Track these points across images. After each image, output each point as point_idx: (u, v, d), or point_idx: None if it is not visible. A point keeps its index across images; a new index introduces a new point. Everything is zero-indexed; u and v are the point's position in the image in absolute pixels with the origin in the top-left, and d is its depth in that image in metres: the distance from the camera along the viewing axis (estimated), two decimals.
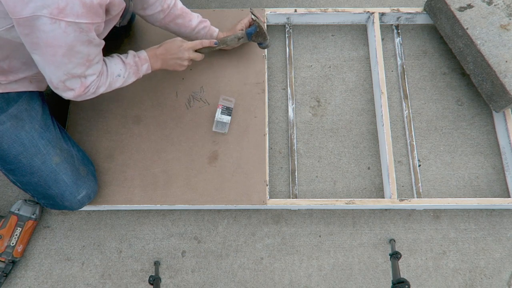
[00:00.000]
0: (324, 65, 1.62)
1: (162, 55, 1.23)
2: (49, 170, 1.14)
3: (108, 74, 1.09)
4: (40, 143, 1.13)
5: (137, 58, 1.18)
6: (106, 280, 1.34)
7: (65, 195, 1.17)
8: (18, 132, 1.09)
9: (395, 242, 1.37)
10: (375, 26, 1.56)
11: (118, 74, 1.13)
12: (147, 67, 1.21)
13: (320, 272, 1.35)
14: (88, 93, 1.05)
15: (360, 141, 1.51)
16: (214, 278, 1.34)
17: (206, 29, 1.34)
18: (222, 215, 1.42)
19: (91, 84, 1.03)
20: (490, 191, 1.44)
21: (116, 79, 1.13)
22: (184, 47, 1.23)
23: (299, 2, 1.74)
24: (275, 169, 1.47)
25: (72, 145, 1.25)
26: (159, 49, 1.23)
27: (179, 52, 1.23)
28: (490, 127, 1.52)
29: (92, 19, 0.87)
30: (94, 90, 1.06)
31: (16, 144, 1.09)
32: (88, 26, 0.87)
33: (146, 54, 1.21)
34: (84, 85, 1.02)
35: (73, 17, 0.82)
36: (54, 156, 1.15)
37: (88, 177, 1.23)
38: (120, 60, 1.15)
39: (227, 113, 1.36)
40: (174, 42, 1.24)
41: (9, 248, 1.28)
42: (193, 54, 1.26)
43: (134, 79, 1.20)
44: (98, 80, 1.05)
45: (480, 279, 1.34)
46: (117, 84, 1.15)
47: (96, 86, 1.06)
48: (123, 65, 1.14)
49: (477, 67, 1.42)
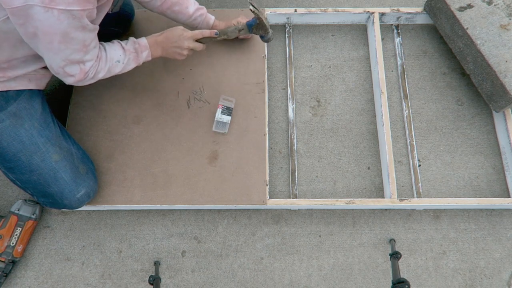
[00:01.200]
0: (324, 65, 1.62)
1: (162, 43, 1.23)
2: (49, 168, 1.14)
3: (108, 59, 1.10)
4: (39, 141, 1.13)
5: (137, 45, 1.19)
6: (106, 280, 1.34)
7: (64, 193, 1.17)
8: (17, 130, 1.09)
9: (395, 242, 1.37)
10: (375, 26, 1.56)
11: (118, 60, 1.13)
12: (147, 54, 1.21)
13: (320, 272, 1.35)
14: (88, 78, 1.07)
15: (360, 141, 1.51)
16: (214, 278, 1.34)
17: (203, 16, 1.34)
18: (222, 215, 1.42)
19: (90, 69, 1.05)
20: (490, 191, 1.44)
21: (116, 64, 1.13)
22: (184, 35, 1.23)
23: (299, 2, 1.74)
24: (275, 169, 1.47)
25: (72, 143, 1.25)
26: (160, 36, 1.23)
27: (179, 40, 1.22)
28: (490, 127, 1.52)
29: (83, 6, 0.88)
30: (93, 75, 1.07)
31: (15, 142, 1.09)
32: (80, 12, 0.88)
33: (146, 41, 1.21)
34: (83, 71, 1.04)
35: (64, 4, 0.84)
36: (53, 154, 1.15)
37: (88, 176, 1.23)
38: (119, 46, 1.15)
39: (227, 113, 1.36)
40: (175, 30, 1.24)
41: (9, 248, 1.28)
42: (193, 43, 1.25)
43: (134, 65, 1.20)
44: (96, 65, 1.07)
45: (480, 279, 1.34)
46: (116, 70, 1.15)
47: (94, 71, 1.07)
48: (122, 51, 1.15)
49: (477, 67, 1.42)
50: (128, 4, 1.46)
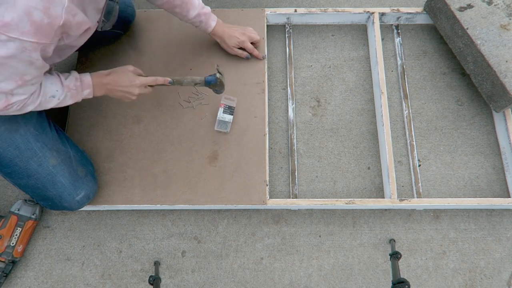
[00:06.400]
0: (324, 65, 1.62)
1: (108, 85, 1.14)
2: (46, 172, 1.13)
3: (41, 93, 0.99)
4: (36, 146, 1.11)
5: (78, 82, 1.09)
6: (106, 280, 1.34)
7: (63, 197, 1.17)
8: (12, 135, 1.07)
9: (395, 242, 1.37)
10: (375, 26, 1.56)
11: (53, 95, 1.03)
12: (89, 93, 1.13)
13: (320, 272, 1.35)
14: (11, 110, 0.94)
15: (360, 141, 1.51)
16: (214, 278, 1.34)
17: (203, 22, 1.33)
18: (222, 215, 1.42)
19: (15, 102, 0.92)
20: (490, 191, 1.44)
21: (50, 99, 1.03)
22: (136, 83, 1.15)
23: (299, 2, 1.74)
24: (275, 169, 1.47)
25: (70, 146, 1.23)
26: (108, 77, 1.14)
27: (130, 87, 1.15)
28: (490, 127, 1.52)
29: (39, 39, 0.79)
30: (19, 107, 0.95)
31: (11, 147, 1.08)
32: (33, 45, 0.79)
33: (90, 79, 1.12)
34: (7, 102, 0.91)
35: (17, 33, 0.75)
36: (50, 158, 1.14)
37: (87, 178, 1.23)
38: (58, 80, 1.05)
39: (229, 112, 1.36)
40: (124, 74, 1.14)
41: (9, 248, 1.28)
42: (144, 89, 1.19)
43: (72, 102, 1.10)
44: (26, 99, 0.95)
45: (480, 279, 1.34)
46: (50, 105, 1.04)
47: (22, 105, 0.95)
48: (60, 86, 1.05)
49: (477, 67, 1.42)
50: (129, 6, 1.45)
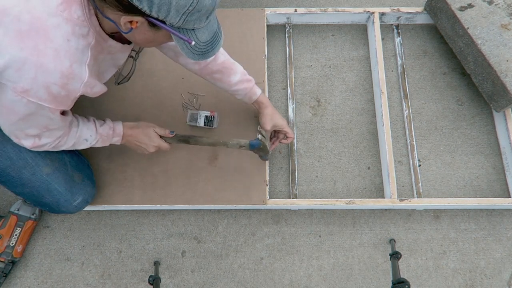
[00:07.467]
0: (324, 65, 1.62)
1: (130, 137, 1.18)
2: (40, 181, 1.12)
3: (76, 136, 1.06)
4: (28, 155, 1.10)
5: (111, 131, 1.14)
6: (106, 280, 1.34)
7: (60, 203, 1.16)
8: (3, 146, 1.06)
9: (395, 242, 1.37)
10: (375, 26, 1.56)
11: (86, 139, 1.09)
12: (117, 141, 1.18)
13: (320, 272, 1.35)
14: (44, 148, 1.02)
15: (360, 141, 1.51)
16: (214, 278, 1.34)
17: (245, 91, 1.23)
18: (222, 215, 1.42)
19: (45, 144, 1.00)
20: (490, 191, 1.44)
21: (83, 142, 1.09)
22: (153, 144, 1.19)
23: (299, 2, 1.74)
24: (275, 169, 1.47)
25: (64, 153, 1.21)
26: (130, 130, 1.18)
27: (146, 145, 1.19)
28: (490, 127, 1.52)
29: (56, 106, 0.84)
30: (51, 147, 1.03)
31: (3, 158, 1.07)
32: (52, 110, 0.85)
33: (122, 129, 1.17)
34: (35, 143, 0.98)
35: (36, 99, 0.80)
36: (44, 167, 1.12)
37: (84, 183, 1.22)
38: (94, 127, 1.11)
39: (209, 120, 1.36)
40: (147, 132, 1.18)
41: (8, 248, 1.28)
42: (162, 147, 1.21)
43: (100, 145, 1.15)
44: (58, 141, 1.02)
45: (480, 279, 1.34)
46: (81, 147, 1.11)
47: (54, 145, 1.02)
48: (94, 132, 1.10)
49: (477, 67, 1.42)
50: None
